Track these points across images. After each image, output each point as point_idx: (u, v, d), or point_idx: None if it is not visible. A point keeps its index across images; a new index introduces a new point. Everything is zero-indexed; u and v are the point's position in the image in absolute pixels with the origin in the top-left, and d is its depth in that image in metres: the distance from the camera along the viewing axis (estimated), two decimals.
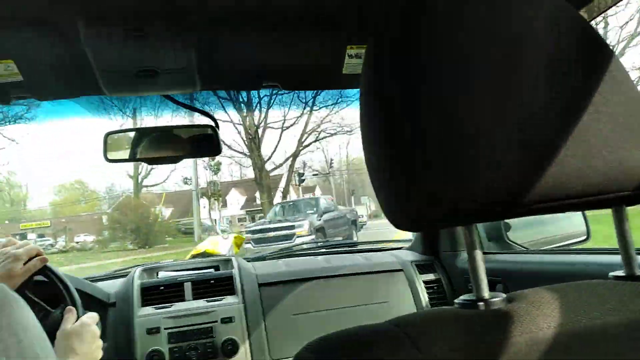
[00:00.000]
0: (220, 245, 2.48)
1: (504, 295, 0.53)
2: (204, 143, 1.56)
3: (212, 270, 1.82)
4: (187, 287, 1.69)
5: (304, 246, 2.42)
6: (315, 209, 14.45)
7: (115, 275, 1.94)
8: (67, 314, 1.17)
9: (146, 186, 29.73)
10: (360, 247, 2.23)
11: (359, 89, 0.56)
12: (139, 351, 1.54)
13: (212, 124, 1.58)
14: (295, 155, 24.37)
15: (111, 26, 1.03)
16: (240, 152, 23.70)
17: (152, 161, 1.64)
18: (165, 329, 1.57)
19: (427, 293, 1.78)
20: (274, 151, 25.98)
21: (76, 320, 1.16)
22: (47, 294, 1.27)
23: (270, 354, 1.61)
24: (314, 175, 41.91)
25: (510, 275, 1.50)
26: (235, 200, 45.29)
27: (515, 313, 0.48)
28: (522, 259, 1.58)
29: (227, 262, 1.84)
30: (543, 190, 0.45)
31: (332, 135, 24.35)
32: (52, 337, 1.10)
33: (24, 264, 1.17)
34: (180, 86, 1.39)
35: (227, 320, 1.60)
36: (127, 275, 1.79)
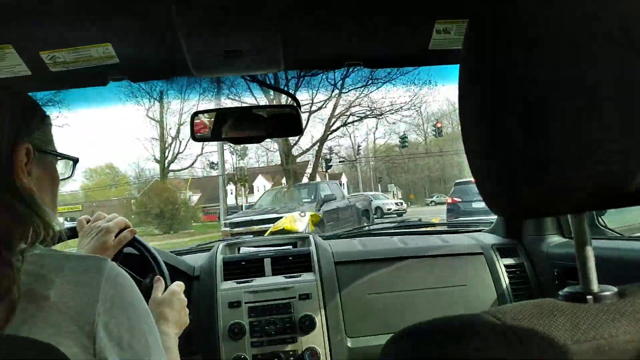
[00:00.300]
0: (297, 222, 2.54)
1: (615, 289, 0.49)
2: (286, 122, 1.60)
3: (290, 247, 1.88)
4: (267, 262, 1.76)
5: (379, 225, 2.45)
6: (313, 196, 12.94)
7: (198, 249, 2.03)
8: (156, 283, 1.22)
9: (173, 170, 30.15)
10: (438, 228, 2.22)
11: (441, 65, 0.55)
12: (221, 323, 1.60)
13: (294, 103, 1.62)
14: (322, 141, 23.90)
15: (201, 9, 1.07)
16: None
17: (236, 140, 1.70)
18: (245, 303, 1.63)
19: (508, 278, 1.73)
20: (301, 136, 24.53)
21: (165, 290, 1.21)
22: (135, 264, 1.32)
23: (346, 331, 1.65)
24: (340, 162, 41.83)
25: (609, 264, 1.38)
26: (262, 186, 45.53)
27: (629, 309, 0.45)
28: (620, 245, 1.47)
29: (305, 239, 1.90)
30: None
31: (360, 119, 23.82)
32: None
33: (115, 236, 1.21)
34: (264, 66, 1.43)
35: (304, 296, 1.65)
36: (210, 249, 1.87)
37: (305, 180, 23.64)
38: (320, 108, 22.91)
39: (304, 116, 1.67)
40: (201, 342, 1.62)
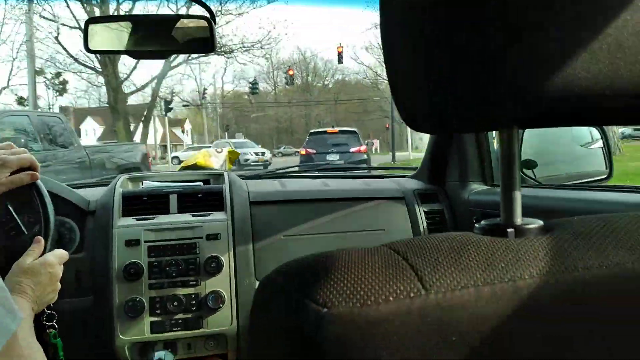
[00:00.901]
0: (212, 158, 2.26)
1: (541, 222, 0.44)
2: (197, 37, 1.42)
3: (201, 183, 1.74)
4: (173, 199, 1.60)
5: (301, 167, 2.32)
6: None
7: (99, 183, 1.85)
8: (33, 244, 1.08)
9: None
10: (360, 172, 2.18)
11: None
12: (116, 263, 1.46)
13: (207, 14, 1.42)
14: (160, 77, 21.41)
15: None
16: (90, 67, 19.99)
17: (137, 54, 1.48)
18: (145, 241, 1.49)
19: (427, 223, 1.73)
20: (134, 68, 21.40)
21: (41, 255, 1.08)
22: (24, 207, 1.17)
23: (256, 275, 1.56)
24: (184, 106, 39.89)
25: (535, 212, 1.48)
26: (92, 129, 41.41)
27: (555, 245, 0.40)
28: (544, 194, 1.46)
29: (219, 177, 1.75)
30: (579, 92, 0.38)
31: (206, 55, 21.36)
32: (11, 263, 1.05)
33: (11, 173, 1.08)
34: None
35: (212, 237, 1.53)
36: (109, 183, 1.68)
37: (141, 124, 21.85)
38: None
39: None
40: (93, 284, 1.49)
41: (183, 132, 43.25)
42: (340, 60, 22.95)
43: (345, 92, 43.78)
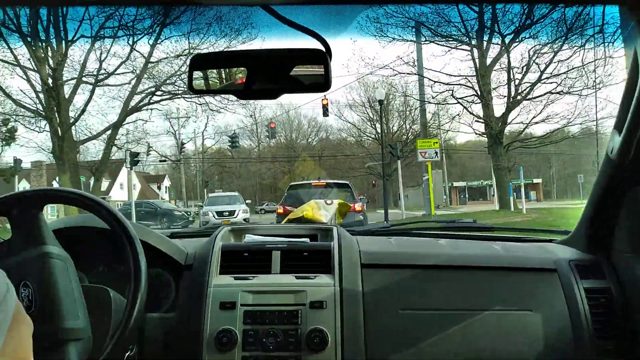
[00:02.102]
0: (321, 211, 2.06)
1: None
2: (311, 74, 1.27)
3: (307, 239, 1.59)
4: (276, 256, 1.46)
5: (423, 224, 2.08)
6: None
7: (201, 232, 1.76)
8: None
9: None
10: (496, 233, 1.89)
11: None
12: (208, 328, 1.32)
13: (322, 48, 1.28)
14: (117, 125, 19.63)
15: None
16: (31, 110, 18.12)
17: (244, 94, 1.33)
18: (242, 305, 1.35)
19: (589, 306, 1.40)
20: (83, 110, 18.74)
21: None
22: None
23: (367, 355, 1.35)
24: (160, 161, 39.61)
25: None
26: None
27: None
28: None
29: (327, 232, 1.59)
30: None
31: (170, 98, 19.92)
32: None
33: None
34: None
35: (317, 305, 1.35)
36: (212, 233, 1.57)
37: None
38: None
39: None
40: (180, 350, 1.36)
41: (159, 188, 42.82)
42: (325, 113, 22.56)
43: (329, 150, 44.34)
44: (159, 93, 20.05)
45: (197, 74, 1.28)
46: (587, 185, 37.93)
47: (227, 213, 16.60)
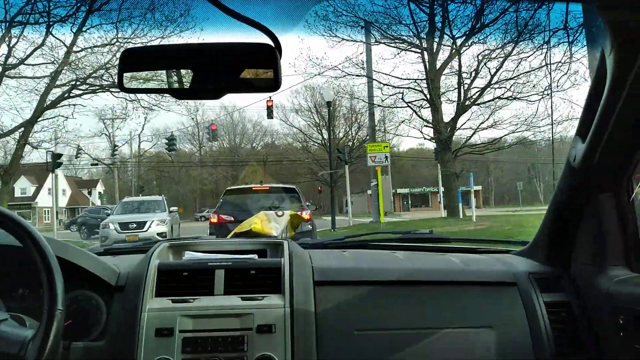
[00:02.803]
0: (271, 223, 1.92)
1: None
2: (259, 72, 1.20)
3: (255, 255, 1.51)
4: (219, 275, 1.37)
5: (379, 236, 2.02)
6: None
7: (136, 248, 1.66)
8: None
9: None
10: (453, 244, 1.86)
11: None
12: (142, 358, 1.24)
13: (271, 43, 1.20)
14: (32, 121, 17.67)
15: None
16: None
17: (182, 94, 1.24)
18: (180, 331, 1.27)
19: (550, 320, 1.38)
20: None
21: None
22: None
23: None
24: (92, 164, 38.12)
25: None
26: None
27: None
28: None
29: (277, 247, 1.52)
30: None
31: (93, 91, 18.09)
32: None
33: None
34: None
35: (265, 329, 1.28)
36: (149, 249, 1.48)
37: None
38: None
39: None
40: None
41: (89, 193, 41.30)
42: (270, 115, 22.20)
43: (275, 155, 44.25)
44: (82, 87, 18.60)
45: (128, 70, 1.18)
46: (524, 194, 39.94)
47: (134, 225, 12.87)
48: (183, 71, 1.22)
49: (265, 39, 1.18)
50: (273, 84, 1.16)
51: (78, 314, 1.29)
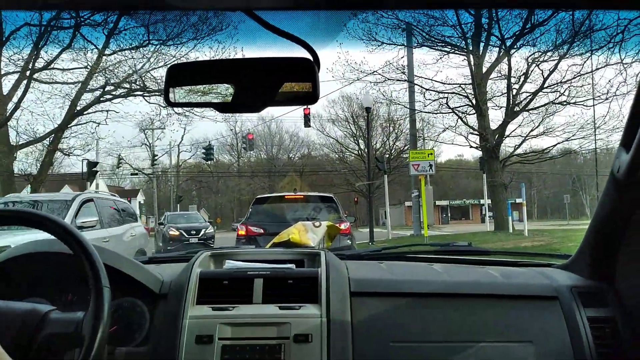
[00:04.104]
0: (309, 234, 2.03)
1: None
2: (298, 85, 1.26)
3: (293, 265, 1.58)
4: (258, 284, 1.45)
5: (416, 248, 2.07)
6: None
7: (181, 257, 1.73)
8: None
9: None
10: (492, 257, 1.88)
11: None
12: None
13: (310, 57, 1.28)
14: (62, 127, 17.93)
15: None
16: None
17: (226, 107, 1.32)
18: (220, 339, 1.33)
19: (593, 337, 1.38)
20: (17, 107, 16.69)
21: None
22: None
23: None
24: (132, 174, 39.38)
25: None
26: None
27: None
28: None
29: (315, 257, 1.59)
30: None
31: (125, 96, 18.22)
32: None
33: None
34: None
35: (302, 338, 1.33)
36: (190, 259, 1.56)
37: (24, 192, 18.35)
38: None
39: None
40: None
41: (129, 202, 42.37)
42: (307, 124, 22.39)
43: (311, 165, 44.56)
44: (114, 92, 18.84)
45: (173, 85, 1.27)
46: (569, 207, 38.70)
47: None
48: (225, 85, 1.30)
49: (304, 52, 1.26)
50: (311, 96, 1.23)
51: (122, 320, 1.38)
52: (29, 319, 1.09)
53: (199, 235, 16.98)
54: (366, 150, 28.04)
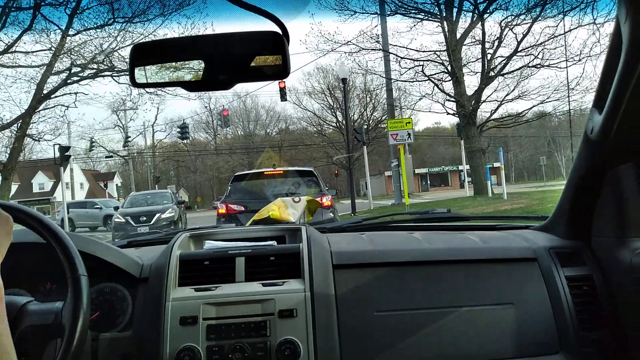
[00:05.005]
0: (289, 209, 2.02)
1: None
2: (269, 59, 1.24)
3: (274, 242, 1.57)
4: (239, 263, 1.44)
5: (396, 217, 2.07)
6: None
7: (159, 239, 1.73)
8: None
9: None
10: (471, 222, 1.93)
11: None
12: (168, 347, 1.31)
13: (279, 30, 1.26)
14: (28, 114, 17.38)
15: None
16: None
17: (193, 86, 1.30)
18: (204, 319, 1.34)
19: (572, 295, 1.40)
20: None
21: None
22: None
23: None
24: (107, 157, 38.94)
25: None
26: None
27: None
28: None
29: (296, 232, 1.59)
30: None
31: (92, 77, 17.83)
32: None
33: None
34: None
35: (287, 313, 1.35)
36: (170, 240, 1.55)
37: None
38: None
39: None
40: None
41: (105, 186, 42.12)
42: (283, 97, 21.95)
43: (290, 140, 44.47)
44: (81, 73, 18.36)
45: (138, 65, 1.24)
46: (545, 169, 39.48)
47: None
48: (193, 63, 1.28)
49: (273, 26, 1.24)
50: (282, 71, 1.21)
51: (105, 306, 1.38)
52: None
53: (151, 223, 13.84)
54: (344, 122, 28.07)
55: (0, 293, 0.75)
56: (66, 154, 19.46)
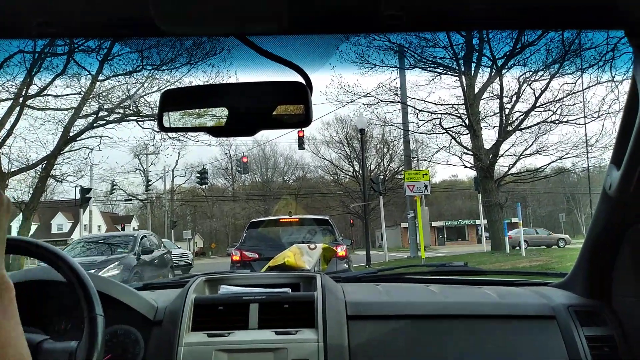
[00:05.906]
0: (304, 257, 2.02)
1: None
2: (291, 108, 1.27)
3: (288, 289, 1.57)
4: (253, 309, 1.44)
5: (412, 269, 2.08)
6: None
7: (175, 283, 1.75)
8: None
9: None
10: (489, 277, 1.89)
11: None
12: None
13: (303, 81, 1.30)
14: (53, 155, 17.84)
15: None
16: None
17: (219, 132, 1.33)
18: None
19: (592, 355, 1.37)
20: (9, 134, 16.88)
21: None
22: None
23: None
24: (126, 200, 39.35)
25: None
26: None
27: None
28: None
29: (310, 280, 1.59)
30: None
31: (118, 121, 18.19)
32: None
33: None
34: (261, 22, 1.10)
35: None
36: (185, 284, 1.57)
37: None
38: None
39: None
40: None
41: (122, 229, 42.39)
42: (301, 146, 22.31)
43: (306, 188, 44.66)
44: (107, 117, 18.80)
45: (167, 110, 1.28)
46: (565, 226, 38.81)
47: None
48: (218, 109, 1.32)
49: (297, 76, 1.28)
50: (304, 119, 1.24)
51: (117, 348, 1.37)
52: None
53: None
54: (361, 171, 28.19)
55: (11, 294, 0.74)
56: (87, 195, 19.72)
